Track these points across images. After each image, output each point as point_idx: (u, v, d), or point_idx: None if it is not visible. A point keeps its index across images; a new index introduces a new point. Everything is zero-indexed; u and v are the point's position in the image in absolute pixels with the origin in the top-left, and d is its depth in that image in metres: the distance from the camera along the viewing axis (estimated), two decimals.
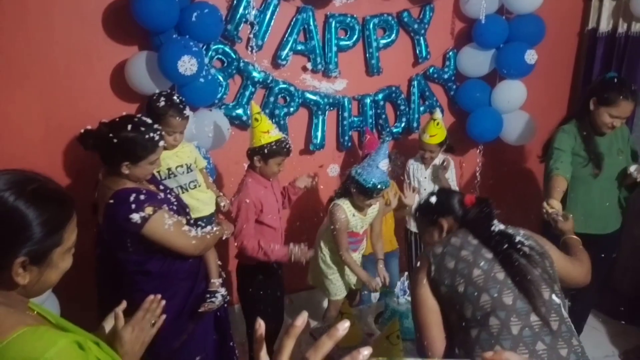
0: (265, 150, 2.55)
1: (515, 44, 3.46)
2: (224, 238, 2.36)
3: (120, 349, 1.28)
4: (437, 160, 3.34)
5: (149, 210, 1.92)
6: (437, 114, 3.19)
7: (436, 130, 3.18)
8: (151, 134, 1.99)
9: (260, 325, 0.72)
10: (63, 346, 0.97)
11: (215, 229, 2.25)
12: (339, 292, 2.99)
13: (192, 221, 2.22)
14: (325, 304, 3.52)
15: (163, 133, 2.13)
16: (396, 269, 3.33)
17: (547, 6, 3.46)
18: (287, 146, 2.61)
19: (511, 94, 3.58)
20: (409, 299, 2.62)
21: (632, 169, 2.76)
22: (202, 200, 2.71)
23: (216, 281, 2.36)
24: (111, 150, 1.95)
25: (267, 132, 2.57)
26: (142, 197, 1.94)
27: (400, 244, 3.44)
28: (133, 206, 1.91)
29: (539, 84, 3.80)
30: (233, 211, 2.61)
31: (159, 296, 1.41)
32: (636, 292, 3.50)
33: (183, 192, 2.57)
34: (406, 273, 2.66)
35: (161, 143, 2.05)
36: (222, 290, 2.35)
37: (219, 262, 2.45)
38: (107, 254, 2.09)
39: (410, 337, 2.48)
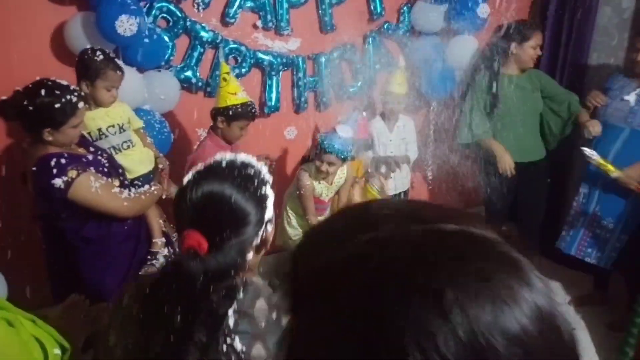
0: (230, 112, 2.51)
1: None
2: (164, 197, 2.31)
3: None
4: (401, 121, 3.33)
5: (72, 173, 1.87)
6: (402, 61, 3.20)
7: (402, 79, 3.17)
8: (68, 97, 1.91)
9: None
10: None
11: (153, 188, 2.20)
12: None
13: (127, 182, 2.15)
14: None
15: (82, 93, 2.05)
16: None
17: None
18: (253, 110, 2.58)
19: (464, 50, 3.57)
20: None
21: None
22: (136, 160, 2.58)
23: (158, 241, 2.31)
24: (30, 118, 1.88)
25: (234, 94, 2.53)
26: (63, 160, 1.88)
27: None
28: (55, 171, 1.85)
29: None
30: (185, 170, 2.56)
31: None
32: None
33: (116, 153, 2.45)
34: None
35: (80, 105, 1.97)
36: (165, 251, 2.30)
37: (169, 224, 2.39)
38: (49, 224, 2.01)
39: None
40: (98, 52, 2.32)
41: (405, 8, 3.62)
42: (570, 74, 3.67)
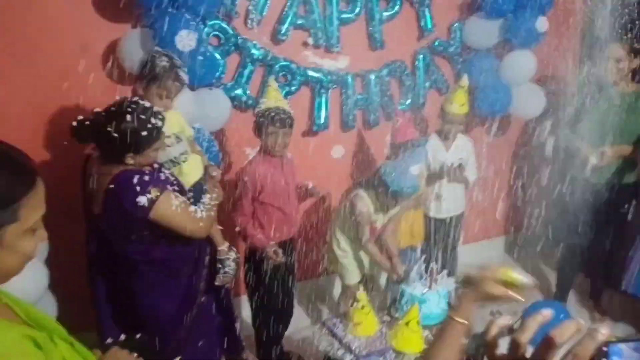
0: (261, 117, 2.49)
1: (525, 11, 3.29)
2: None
3: None
4: (459, 140, 3.22)
5: (155, 192, 1.80)
6: (464, 80, 3.08)
7: (464, 99, 3.06)
8: (153, 121, 1.87)
9: None
10: (9, 340, 0.87)
11: (214, 197, 2.16)
12: (352, 277, 2.87)
13: (192, 200, 2.09)
14: (336, 293, 3.42)
15: (164, 114, 1.99)
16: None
17: None
18: (285, 116, 2.49)
19: (521, 65, 3.44)
20: (426, 284, 2.52)
21: None
22: (190, 169, 2.47)
23: (224, 247, 2.24)
24: (112, 144, 1.82)
25: (275, 100, 2.54)
26: (146, 177, 1.83)
27: None
28: (138, 188, 1.79)
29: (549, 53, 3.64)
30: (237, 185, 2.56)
31: None
32: None
33: (174, 167, 2.35)
34: (423, 256, 2.56)
35: (164, 128, 1.94)
36: (232, 255, 2.23)
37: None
38: (102, 249, 1.93)
39: (429, 323, 2.37)
40: (165, 57, 2.23)
41: (457, 25, 3.52)
42: None
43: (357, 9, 3.20)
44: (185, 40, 2.35)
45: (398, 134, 2.90)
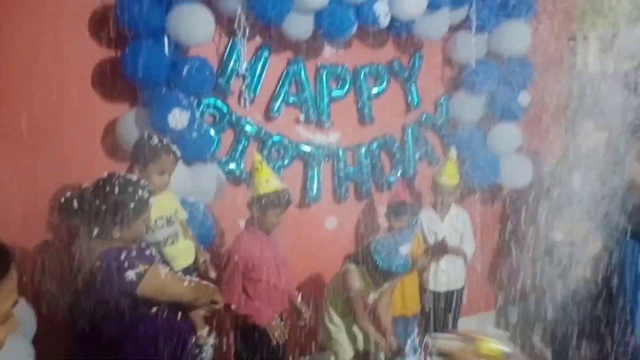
0: (263, 201, 2.51)
1: (507, 87, 3.46)
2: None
3: None
4: (453, 210, 3.28)
5: (142, 266, 1.81)
6: (453, 152, 3.18)
7: (453, 170, 3.15)
8: (140, 192, 1.92)
9: None
10: None
11: (206, 283, 2.17)
12: (346, 353, 2.81)
13: None
14: None
15: (151, 188, 2.04)
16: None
17: (539, 50, 3.50)
18: (287, 197, 2.58)
19: (506, 137, 3.55)
20: (421, 358, 2.48)
21: None
22: (179, 253, 2.54)
23: (203, 332, 2.22)
24: (99, 217, 1.85)
25: (267, 182, 2.55)
26: (132, 253, 1.84)
27: None
28: (126, 264, 1.80)
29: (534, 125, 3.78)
30: (223, 264, 2.54)
31: None
32: None
33: (162, 247, 2.41)
34: (416, 330, 2.53)
35: (151, 200, 1.98)
36: (211, 340, 2.21)
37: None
38: (86, 328, 1.92)
39: None
40: (153, 137, 2.37)
41: (443, 99, 3.67)
42: None
43: (346, 87, 3.34)
44: (178, 118, 2.46)
45: (395, 195, 3.01)
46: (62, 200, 1.89)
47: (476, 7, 3.28)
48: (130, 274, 1.79)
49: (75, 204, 1.87)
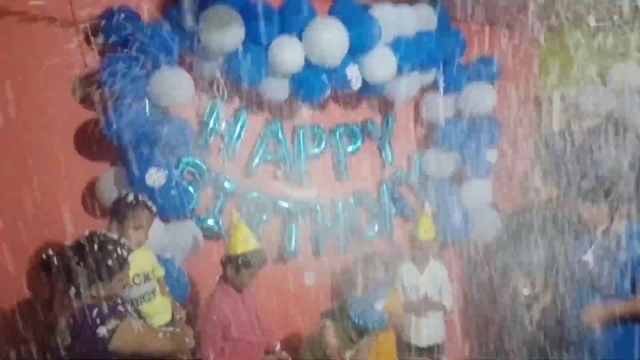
0: (240, 260, 2.55)
1: (475, 144, 3.62)
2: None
3: None
4: (432, 263, 3.35)
5: (114, 323, 1.84)
6: (427, 207, 3.29)
7: (429, 224, 3.25)
8: (119, 251, 1.98)
9: None
10: None
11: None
12: None
13: None
14: None
15: (131, 247, 2.10)
16: None
17: (506, 109, 3.70)
18: (262, 258, 2.62)
19: (477, 193, 3.69)
20: None
21: None
22: (156, 310, 2.56)
23: None
24: (78, 274, 1.90)
25: (244, 240, 2.59)
26: (105, 310, 1.87)
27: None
28: (98, 321, 1.83)
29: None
30: (199, 324, 2.52)
31: None
32: None
33: (139, 305, 2.44)
34: None
35: (129, 258, 2.03)
36: None
37: None
38: None
39: None
40: (130, 195, 2.44)
41: (415, 156, 3.82)
42: None
43: (323, 145, 3.48)
44: (155, 177, 2.54)
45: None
46: (44, 257, 1.94)
47: (444, 70, 3.49)
48: (102, 330, 1.82)
49: (56, 262, 1.91)
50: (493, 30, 3.94)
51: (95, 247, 1.93)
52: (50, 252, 1.94)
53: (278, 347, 2.85)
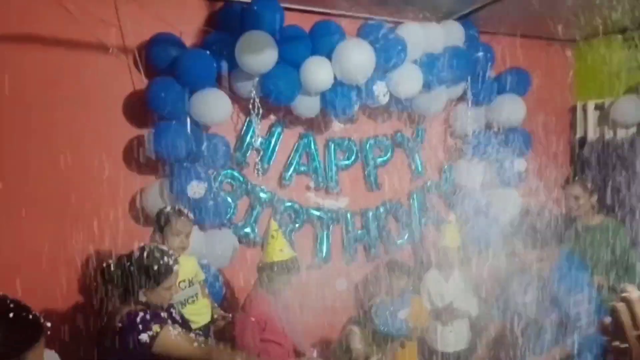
0: (275, 268, 2.69)
1: (504, 155, 3.69)
2: None
3: None
4: (457, 271, 3.43)
5: (155, 328, 2.02)
6: (452, 216, 3.39)
7: (453, 232, 3.34)
8: (166, 259, 2.14)
9: None
10: None
11: (232, 351, 2.27)
12: None
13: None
14: None
15: (178, 258, 2.26)
16: None
17: (537, 119, 3.74)
18: (297, 266, 2.75)
19: (506, 202, 3.75)
20: None
21: None
22: (198, 311, 2.81)
23: None
24: (129, 279, 2.09)
25: (281, 250, 2.73)
26: (147, 317, 2.05)
27: None
28: (140, 327, 2.01)
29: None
30: (237, 327, 2.70)
31: None
32: None
33: (181, 308, 2.68)
34: None
35: (175, 267, 2.18)
36: None
37: None
38: None
39: None
40: (168, 207, 2.71)
41: (446, 167, 3.92)
42: None
43: (353, 157, 3.64)
44: (196, 189, 2.77)
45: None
46: (105, 265, 2.15)
47: (472, 84, 3.58)
48: (144, 337, 2.00)
49: (112, 268, 2.13)
50: (526, 42, 3.98)
51: (145, 254, 2.12)
52: (110, 261, 2.17)
53: (315, 353, 2.95)
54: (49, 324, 1.20)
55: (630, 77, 3.86)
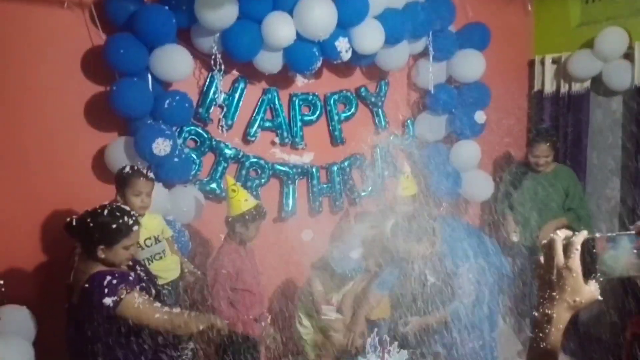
0: (247, 217, 2.80)
1: (464, 107, 3.79)
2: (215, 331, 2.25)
3: None
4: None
5: (121, 292, 2.07)
6: (406, 167, 3.50)
7: (407, 183, 3.45)
8: (125, 219, 2.16)
9: None
10: None
11: (201, 316, 2.25)
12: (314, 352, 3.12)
13: (163, 291, 2.38)
14: None
15: (138, 218, 2.27)
16: None
17: (494, 73, 3.84)
18: (264, 211, 2.90)
19: (467, 154, 3.88)
20: (379, 355, 2.75)
21: None
22: (166, 267, 2.90)
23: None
24: (88, 234, 2.13)
25: (246, 200, 2.84)
26: (114, 280, 2.09)
27: None
28: (106, 290, 2.06)
29: (496, 143, 4.10)
30: (208, 280, 2.81)
31: None
32: None
33: (149, 263, 2.76)
34: (375, 330, 2.80)
35: (135, 228, 2.19)
36: (190, 345, 2.44)
37: None
38: (78, 333, 2.19)
39: None
40: (127, 167, 2.72)
41: (409, 121, 4.01)
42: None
43: (317, 112, 3.68)
44: (161, 146, 2.79)
45: None
46: (68, 220, 2.17)
47: (433, 39, 3.63)
48: (108, 301, 2.04)
49: (74, 224, 2.16)
50: None
51: (105, 212, 2.15)
52: (74, 216, 2.20)
53: (268, 319, 3.01)
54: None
55: (586, 31, 3.95)
